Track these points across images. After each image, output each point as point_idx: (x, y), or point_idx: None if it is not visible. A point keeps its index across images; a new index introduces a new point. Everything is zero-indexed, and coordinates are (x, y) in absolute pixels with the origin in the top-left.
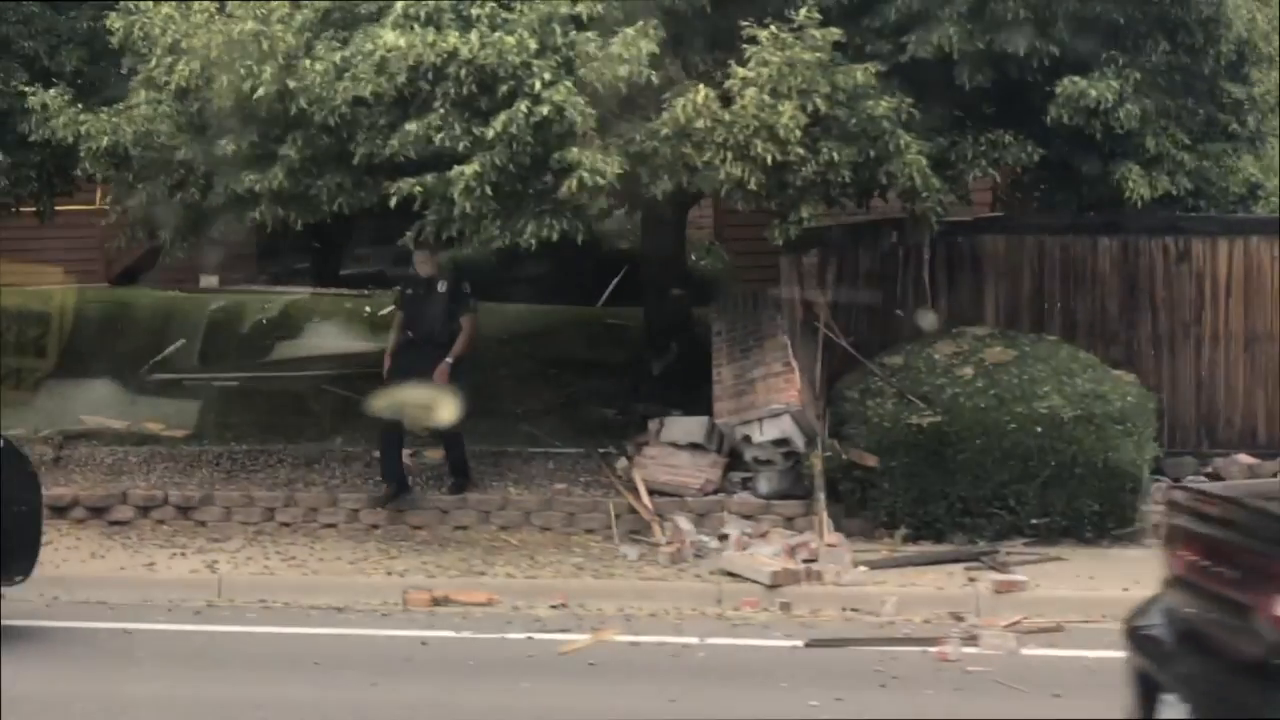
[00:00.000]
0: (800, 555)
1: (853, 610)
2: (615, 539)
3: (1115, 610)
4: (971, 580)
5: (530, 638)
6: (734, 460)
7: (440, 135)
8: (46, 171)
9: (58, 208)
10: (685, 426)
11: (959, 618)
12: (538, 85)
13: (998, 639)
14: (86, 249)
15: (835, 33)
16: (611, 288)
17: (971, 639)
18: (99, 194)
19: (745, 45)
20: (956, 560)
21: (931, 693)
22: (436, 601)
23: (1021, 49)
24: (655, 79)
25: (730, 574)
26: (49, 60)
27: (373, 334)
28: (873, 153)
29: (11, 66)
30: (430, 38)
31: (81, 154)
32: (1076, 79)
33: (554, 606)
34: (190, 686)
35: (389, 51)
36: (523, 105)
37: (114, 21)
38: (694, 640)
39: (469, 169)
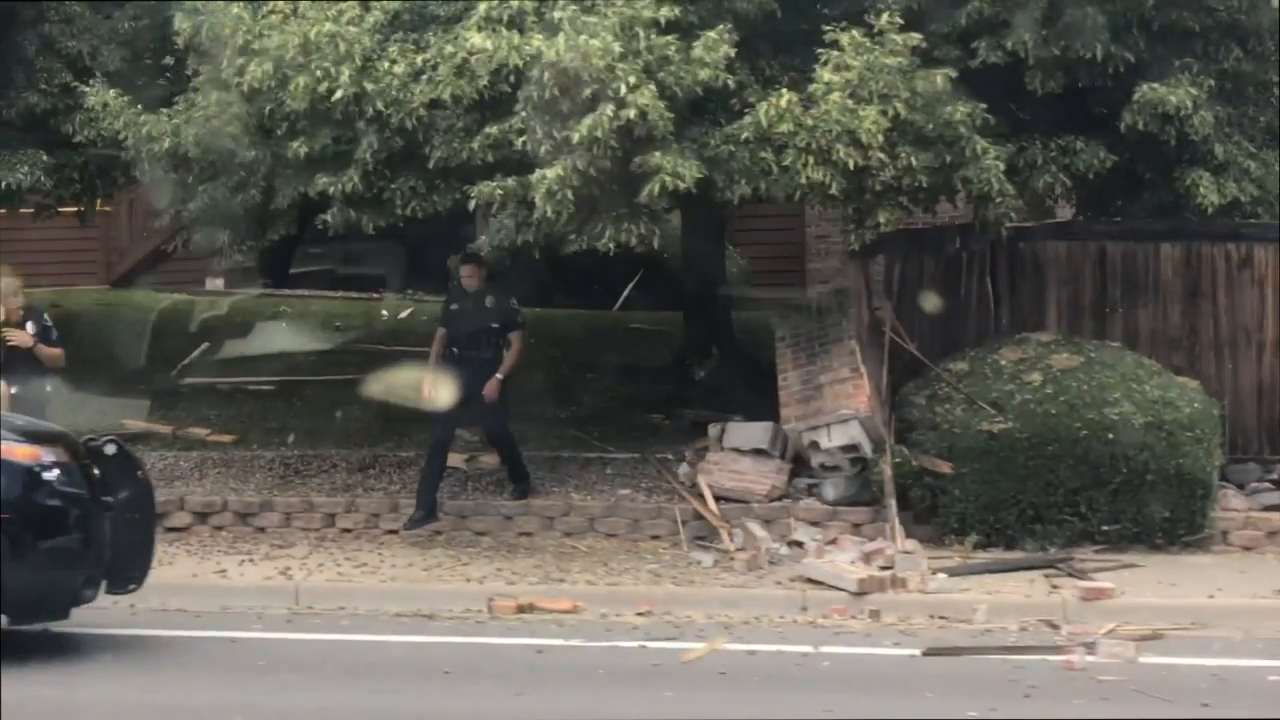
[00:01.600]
0: (876, 562)
1: (941, 618)
2: (684, 545)
3: (1205, 617)
4: (1055, 587)
5: (643, 646)
6: (797, 466)
7: (521, 139)
8: (90, 173)
9: (58, 209)
10: (748, 432)
11: (1053, 625)
12: (623, 89)
13: (1116, 648)
14: (86, 250)
15: (915, 38)
16: (627, 292)
17: (1088, 647)
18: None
19: (821, 50)
20: (1032, 567)
21: (1081, 702)
22: (522, 609)
23: (1099, 55)
24: (731, 83)
25: (811, 580)
26: (91, 60)
27: (393, 338)
28: (949, 158)
29: (55, 67)
30: (515, 40)
31: (142, 155)
32: (1155, 85)
33: (641, 614)
34: (336, 696)
35: (472, 54)
36: (607, 109)
37: (181, 22)
38: (808, 649)
39: (551, 172)
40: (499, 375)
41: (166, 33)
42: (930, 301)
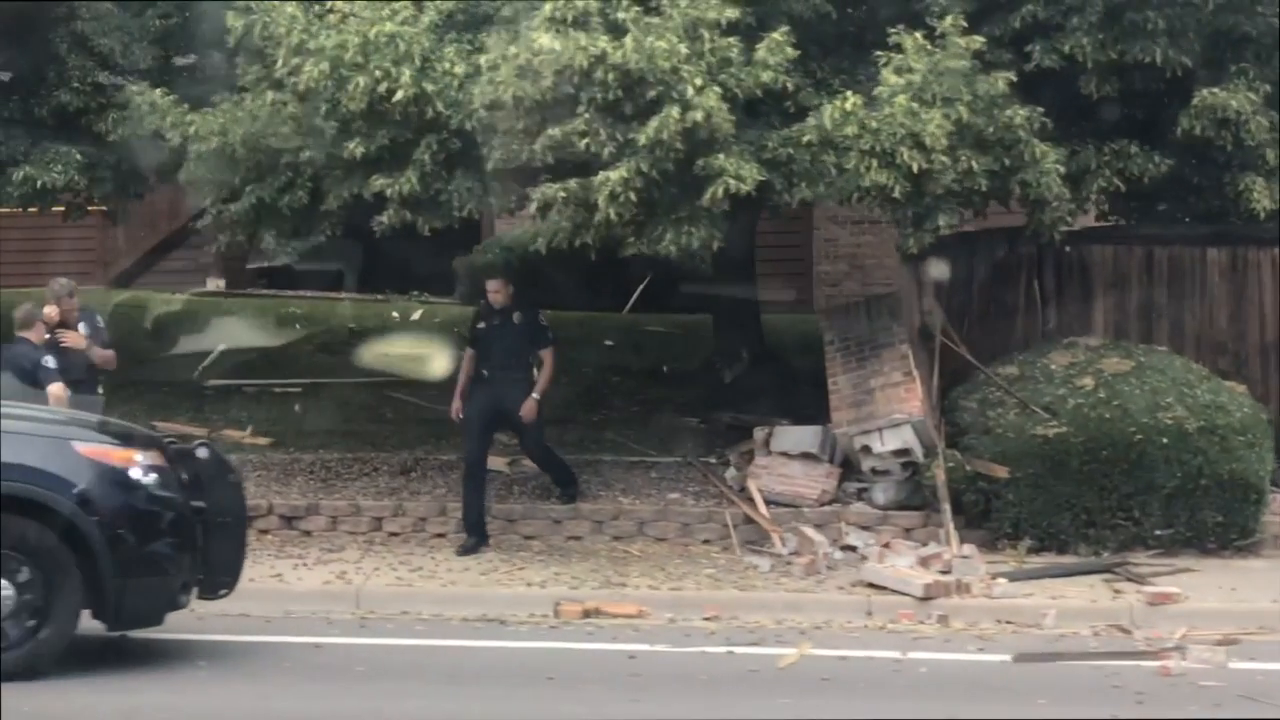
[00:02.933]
0: (934, 567)
1: (1008, 622)
2: (736, 550)
3: (1271, 621)
4: (1117, 592)
5: (730, 652)
6: (845, 470)
7: (585, 140)
8: (122, 172)
9: (54, 209)
10: (797, 436)
11: (1125, 630)
12: (689, 91)
13: (1206, 653)
14: (84, 250)
15: (978, 40)
16: (637, 294)
17: (1178, 653)
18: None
19: (879, 52)
20: (1089, 572)
21: (1195, 708)
22: (588, 613)
23: (1157, 59)
24: (789, 85)
25: (872, 585)
26: (123, 58)
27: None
28: (1007, 161)
29: (87, 65)
30: (583, 41)
31: (189, 154)
32: (1215, 90)
33: (707, 618)
34: (458, 704)
35: (537, 55)
36: (674, 111)
37: (233, 20)
38: (896, 654)
39: (615, 174)
40: (535, 395)
41: (197, 30)
42: (978, 305)
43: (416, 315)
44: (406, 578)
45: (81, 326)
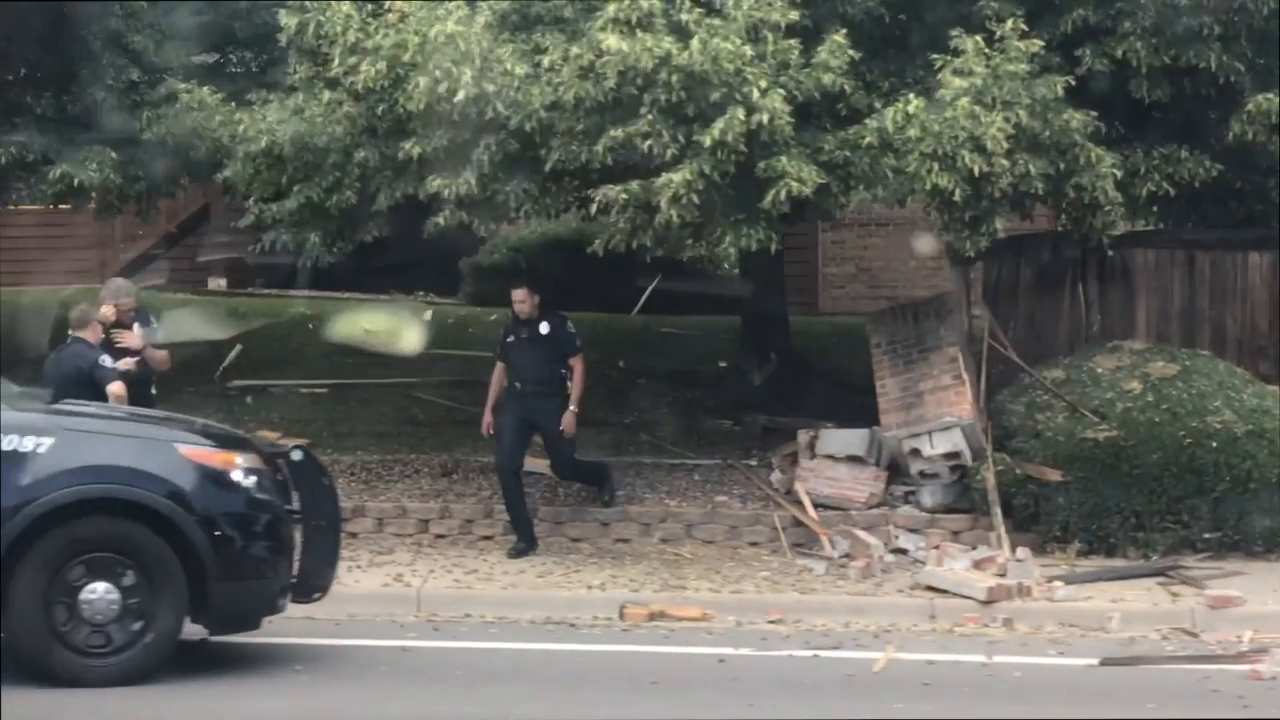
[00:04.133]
0: (989, 569)
1: (1072, 625)
2: (786, 552)
3: None
4: (1175, 595)
5: (816, 655)
6: (891, 473)
7: (648, 142)
8: (154, 171)
9: (54, 207)
10: (843, 439)
11: (1191, 633)
12: (754, 93)
13: None
14: (83, 249)
15: (1037, 44)
16: (646, 295)
17: (1264, 655)
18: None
19: (936, 55)
20: (1142, 575)
21: None
22: (653, 615)
23: (1211, 65)
24: (847, 88)
25: (931, 588)
26: (155, 56)
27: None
28: (1062, 165)
29: (121, 62)
30: (649, 42)
31: (236, 154)
32: (1270, 95)
33: (772, 621)
34: (579, 709)
35: (601, 56)
36: (738, 113)
37: (286, 18)
38: (982, 658)
39: (678, 176)
40: (573, 408)
41: (231, 28)
42: (1023, 308)
43: (428, 315)
44: (464, 580)
45: (136, 326)
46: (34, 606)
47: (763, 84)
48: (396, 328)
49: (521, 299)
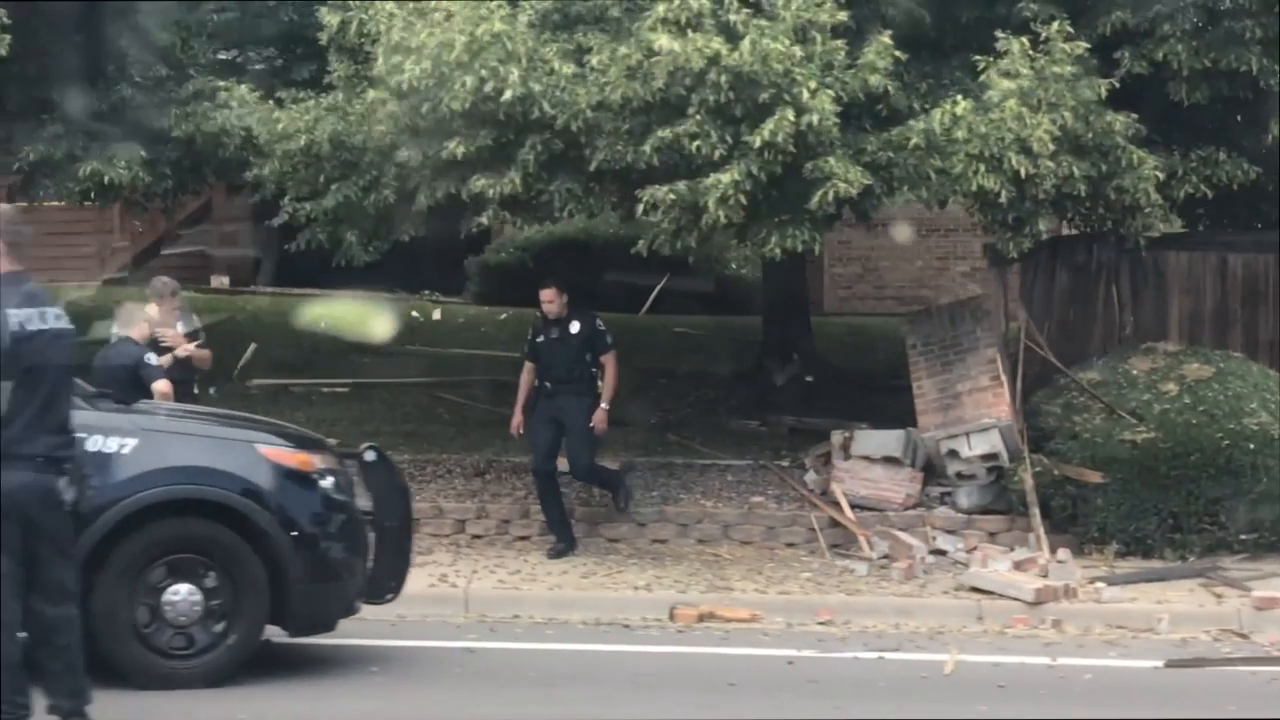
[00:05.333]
0: (1030, 571)
1: (1119, 627)
2: (825, 553)
3: None
4: (1218, 597)
5: (881, 657)
6: (927, 474)
7: (695, 142)
8: (183, 168)
9: (51, 204)
10: (879, 440)
11: (1241, 635)
12: (804, 94)
13: None
14: (81, 247)
15: (1082, 46)
16: (655, 295)
17: None
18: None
19: (979, 57)
20: (1182, 576)
21: None
22: (703, 617)
23: (1253, 68)
24: (891, 89)
25: (976, 589)
26: (183, 53)
27: (441, 340)
28: (1104, 167)
29: (149, 60)
30: (699, 42)
31: (275, 152)
32: None
33: (821, 623)
34: (676, 712)
35: (650, 56)
36: (788, 113)
37: (327, 16)
38: (1046, 660)
39: (726, 177)
40: (604, 406)
41: (255, 26)
42: (1059, 310)
43: (437, 315)
44: (509, 581)
45: (179, 325)
46: (118, 608)
47: (812, 85)
48: (365, 318)
49: (550, 299)
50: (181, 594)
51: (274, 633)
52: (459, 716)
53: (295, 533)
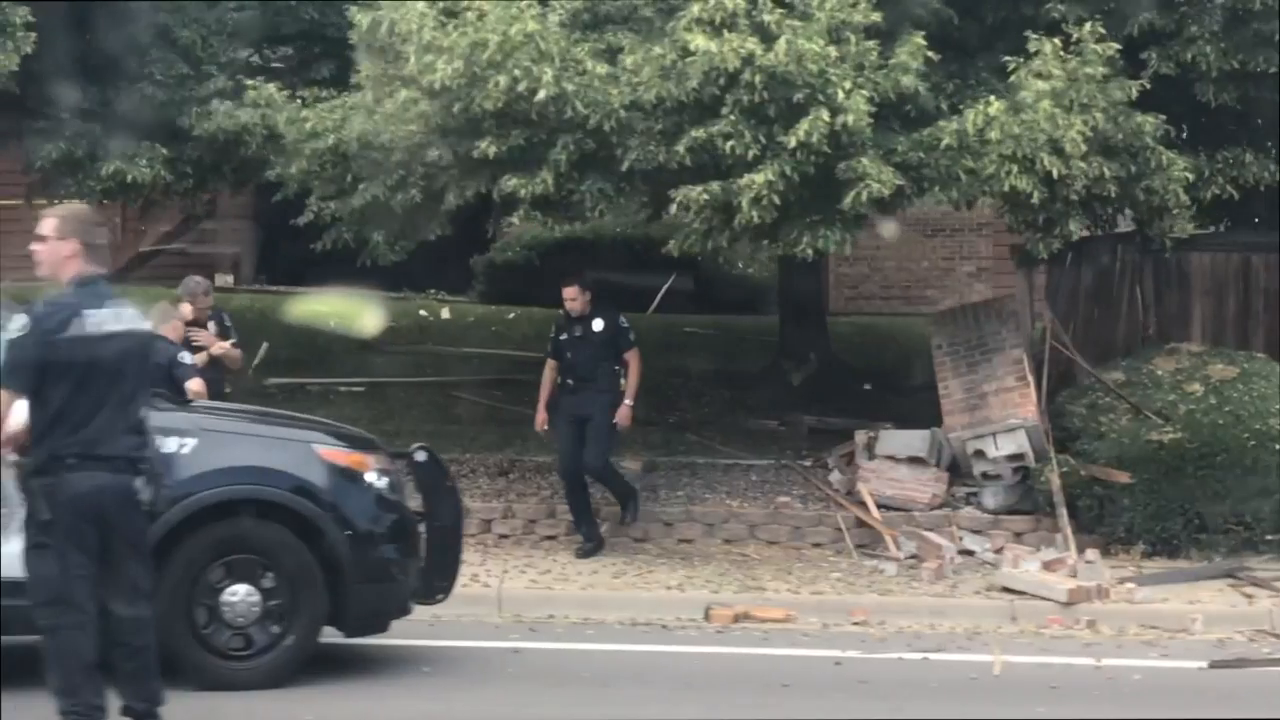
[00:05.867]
0: (1060, 571)
1: (1153, 627)
2: (851, 553)
3: None
4: (1249, 597)
5: (926, 658)
6: (951, 474)
7: (729, 142)
8: (204, 167)
9: (46, 201)
10: (904, 439)
11: (1277, 635)
12: (840, 95)
13: None
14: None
15: (1113, 47)
16: (661, 294)
17: None
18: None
19: (1009, 58)
20: (1211, 577)
21: None
22: (738, 618)
23: None
24: (922, 89)
25: (1008, 590)
26: (203, 51)
27: (452, 339)
28: (1133, 168)
29: (170, 57)
30: (736, 43)
31: (303, 151)
32: None
33: (856, 623)
34: (723, 710)
35: (686, 56)
36: (823, 114)
37: (357, 15)
38: (1090, 661)
39: (760, 177)
40: (629, 402)
41: (276, 24)
42: (1083, 310)
43: (446, 314)
44: (540, 580)
45: (211, 325)
46: (176, 608)
47: (847, 85)
48: (355, 313)
49: (573, 296)
50: (240, 594)
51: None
52: (521, 717)
53: (352, 533)
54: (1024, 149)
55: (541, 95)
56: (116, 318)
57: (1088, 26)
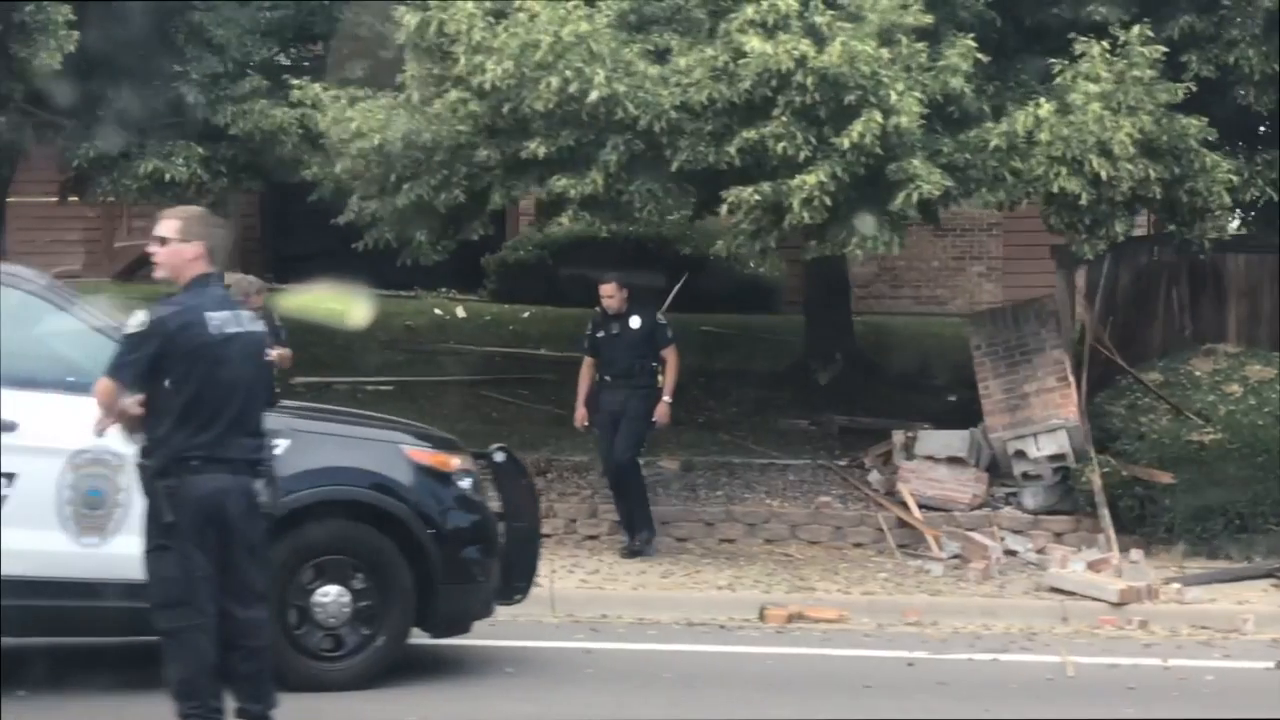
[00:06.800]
0: (1104, 571)
1: (1204, 627)
2: (894, 554)
3: None
4: None
5: (995, 659)
6: (989, 473)
7: (781, 143)
8: (237, 166)
9: (59, 199)
10: (943, 440)
11: None
12: (892, 96)
13: None
14: (92, 243)
15: (1160, 50)
16: (674, 294)
17: None
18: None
19: (1054, 60)
20: (1254, 576)
21: None
22: (791, 618)
23: None
24: (969, 91)
25: (1056, 590)
26: (237, 50)
27: (472, 337)
28: (1177, 170)
29: (206, 56)
30: (790, 44)
31: (351, 151)
32: None
33: (909, 624)
34: (817, 711)
35: (740, 57)
36: (875, 115)
37: (405, 15)
38: (1156, 661)
39: (812, 178)
40: (667, 399)
41: (309, 24)
42: (1122, 312)
43: (461, 313)
44: (590, 580)
45: (261, 325)
46: (270, 609)
47: (899, 87)
48: (343, 306)
49: (610, 293)
50: (331, 595)
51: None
52: (621, 718)
53: (438, 534)
54: (1073, 151)
55: (593, 96)
56: (236, 320)
57: (1135, 30)
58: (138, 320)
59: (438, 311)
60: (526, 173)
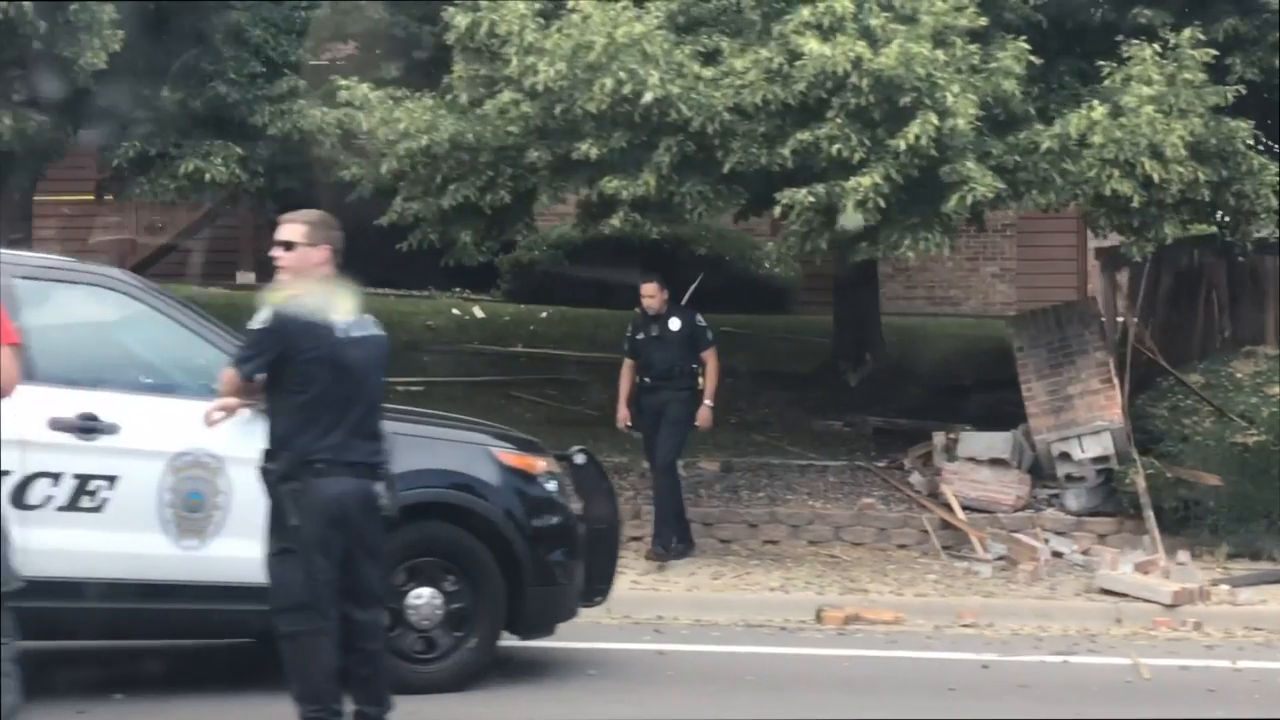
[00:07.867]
0: (1152, 573)
1: (1258, 628)
2: (940, 555)
3: None
4: None
5: (1066, 661)
6: (1032, 475)
7: (835, 145)
8: (274, 167)
9: (64, 198)
10: (986, 441)
11: None
12: (948, 98)
13: None
14: (114, 240)
15: (1210, 53)
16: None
17: None
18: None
19: (1103, 62)
20: None
21: None
22: (848, 620)
23: None
24: (1019, 93)
25: (1107, 591)
26: (273, 50)
27: (497, 338)
28: (1225, 172)
29: (243, 56)
30: (845, 46)
31: (399, 151)
32: None
33: (965, 625)
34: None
35: (797, 59)
36: (931, 117)
37: (456, 17)
38: (1226, 663)
39: (866, 180)
40: (709, 403)
41: (342, 24)
42: (1163, 314)
43: (479, 313)
44: (642, 581)
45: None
46: None
47: (955, 88)
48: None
49: (651, 294)
50: (424, 598)
51: None
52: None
53: (529, 536)
54: (1125, 153)
55: (648, 98)
56: (360, 323)
57: (1186, 33)
58: (264, 315)
59: (455, 311)
60: (575, 174)
